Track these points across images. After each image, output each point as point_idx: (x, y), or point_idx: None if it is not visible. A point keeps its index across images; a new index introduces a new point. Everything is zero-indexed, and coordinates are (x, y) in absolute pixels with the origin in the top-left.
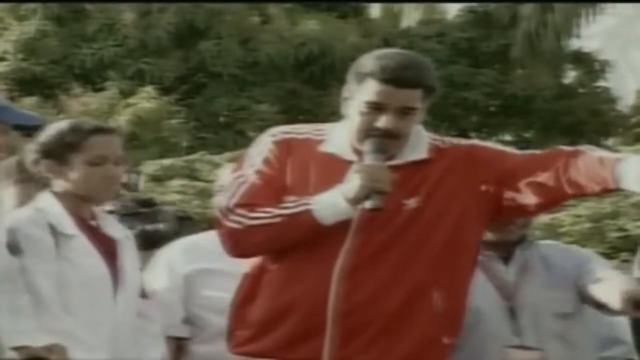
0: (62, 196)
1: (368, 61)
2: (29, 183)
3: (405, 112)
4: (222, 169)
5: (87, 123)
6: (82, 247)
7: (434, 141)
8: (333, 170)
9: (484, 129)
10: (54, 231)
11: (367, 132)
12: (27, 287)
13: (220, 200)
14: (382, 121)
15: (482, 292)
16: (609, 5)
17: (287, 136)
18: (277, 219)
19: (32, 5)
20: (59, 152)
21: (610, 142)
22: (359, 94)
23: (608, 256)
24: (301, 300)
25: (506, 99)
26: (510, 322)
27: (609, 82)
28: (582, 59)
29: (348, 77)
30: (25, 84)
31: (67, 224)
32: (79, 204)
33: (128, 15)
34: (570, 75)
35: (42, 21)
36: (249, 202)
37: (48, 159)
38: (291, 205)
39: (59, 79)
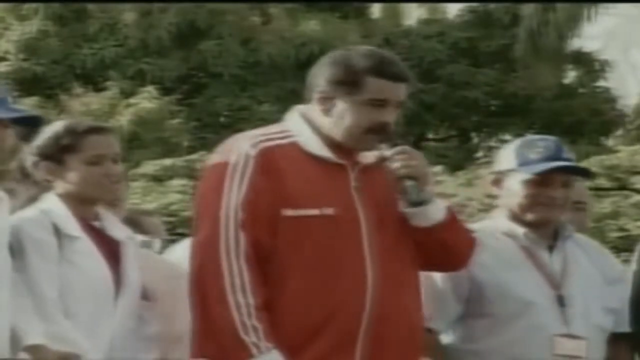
0: (65, 197)
1: (359, 59)
2: (31, 185)
3: (398, 106)
4: None
5: (82, 123)
6: (86, 249)
7: None
8: (325, 174)
9: (485, 128)
10: (57, 232)
11: (368, 129)
12: (28, 289)
13: (226, 221)
14: (387, 116)
15: (530, 281)
16: (610, 5)
17: (265, 144)
18: (238, 329)
19: (33, 5)
20: (56, 154)
21: (610, 141)
22: (354, 92)
23: None
24: (338, 312)
25: (507, 98)
26: (559, 311)
27: (610, 82)
28: (583, 59)
29: (325, 76)
30: (26, 84)
31: (72, 225)
32: (81, 205)
33: (129, 15)
34: (571, 75)
35: (43, 21)
36: (251, 243)
37: (46, 161)
38: (251, 340)
39: (60, 79)
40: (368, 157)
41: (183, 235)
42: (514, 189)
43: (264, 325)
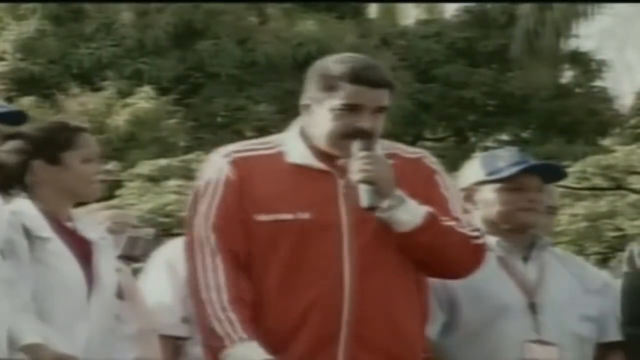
0: (39, 198)
1: (334, 66)
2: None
3: (379, 111)
4: None
5: (70, 121)
6: (57, 249)
7: (391, 146)
8: (307, 180)
9: (481, 128)
10: (28, 234)
11: (344, 134)
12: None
13: (199, 227)
14: (363, 121)
15: (503, 289)
16: (606, 4)
17: (240, 155)
18: (212, 322)
19: (30, 5)
20: (51, 151)
21: (606, 141)
22: (330, 98)
23: (605, 256)
24: (313, 313)
25: (503, 98)
26: (530, 318)
27: (606, 81)
28: (579, 59)
29: (308, 85)
30: (23, 84)
31: (42, 226)
32: (59, 205)
33: (126, 15)
34: (567, 75)
35: (40, 21)
36: (225, 244)
37: (38, 159)
38: (225, 331)
39: (57, 78)
40: None
41: (179, 236)
42: (489, 199)
43: (241, 317)
